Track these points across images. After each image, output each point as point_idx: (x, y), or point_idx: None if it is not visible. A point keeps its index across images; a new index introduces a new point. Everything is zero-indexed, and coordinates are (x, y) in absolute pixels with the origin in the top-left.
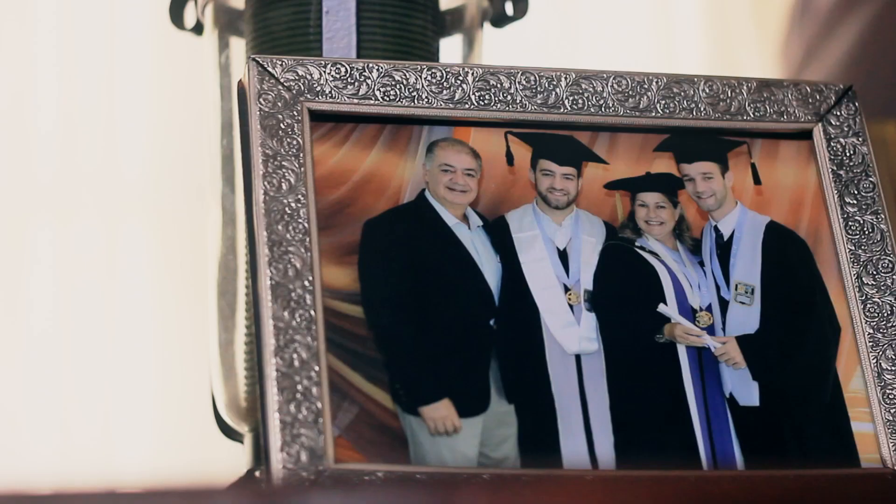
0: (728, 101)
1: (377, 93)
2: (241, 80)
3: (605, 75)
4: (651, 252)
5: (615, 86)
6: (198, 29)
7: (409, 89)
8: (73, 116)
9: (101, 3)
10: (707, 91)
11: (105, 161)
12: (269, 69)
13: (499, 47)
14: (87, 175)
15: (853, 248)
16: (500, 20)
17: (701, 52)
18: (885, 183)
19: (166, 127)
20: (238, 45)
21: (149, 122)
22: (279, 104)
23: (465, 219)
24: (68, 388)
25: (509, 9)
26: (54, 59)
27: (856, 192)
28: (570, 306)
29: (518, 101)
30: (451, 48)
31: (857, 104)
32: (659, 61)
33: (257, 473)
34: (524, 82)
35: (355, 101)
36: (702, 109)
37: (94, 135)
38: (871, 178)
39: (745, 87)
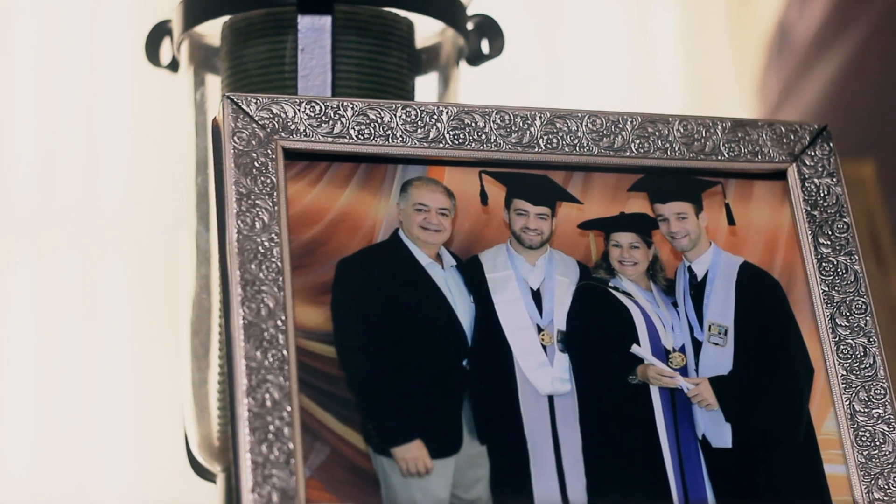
0: (702, 140)
1: (352, 131)
2: (215, 118)
3: (579, 114)
4: (624, 292)
5: (590, 125)
6: (173, 66)
7: (383, 128)
8: (51, 151)
9: (80, 37)
10: (682, 131)
11: (84, 195)
12: (244, 107)
13: (475, 85)
14: (66, 209)
15: (827, 289)
16: (476, 58)
17: (680, 89)
18: (861, 222)
19: (145, 162)
20: (214, 82)
21: (127, 157)
22: (253, 142)
23: (438, 258)
24: (43, 422)
25: (485, 47)
26: (33, 93)
27: (830, 232)
28: (544, 347)
29: (493, 140)
30: (426, 86)
31: (831, 144)
32: (638, 99)
33: None
34: (499, 121)
35: (330, 139)
36: (676, 149)
37: (73, 169)
38: (845, 219)
39: (719, 127)
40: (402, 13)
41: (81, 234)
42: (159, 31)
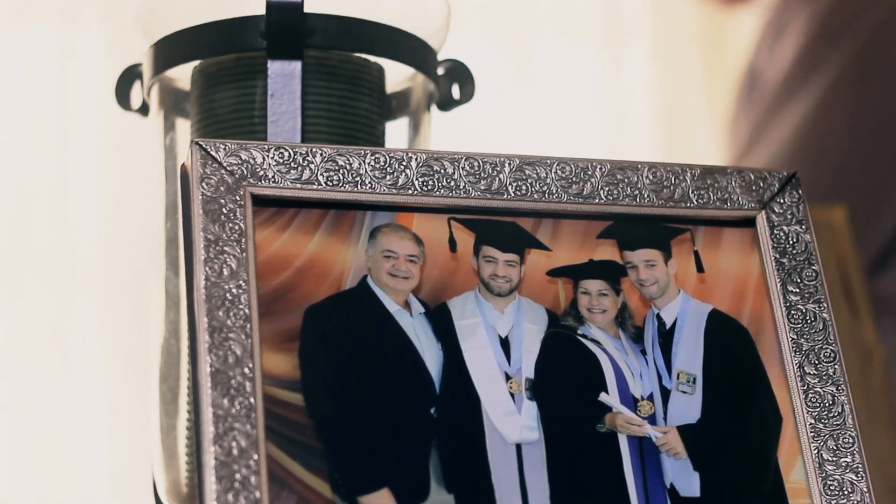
0: (672, 188)
1: (320, 177)
2: (183, 164)
3: (548, 161)
4: (593, 340)
5: (559, 172)
6: (143, 110)
7: (352, 174)
8: (24, 193)
9: (53, 79)
10: (651, 178)
11: (56, 238)
12: (212, 153)
13: (447, 130)
14: (39, 251)
15: (795, 337)
16: (446, 104)
17: (652, 132)
18: (831, 268)
19: (116, 206)
20: (184, 127)
21: (100, 201)
22: (222, 188)
23: (407, 305)
24: (13, 461)
25: (456, 92)
26: (5, 135)
27: (798, 280)
28: (512, 395)
29: (461, 187)
30: (397, 131)
31: (800, 192)
32: (610, 142)
33: None
34: (468, 168)
35: (298, 185)
36: (645, 196)
37: (46, 211)
38: (814, 267)
39: (688, 175)
40: (373, 59)
41: (54, 277)
42: (129, 75)
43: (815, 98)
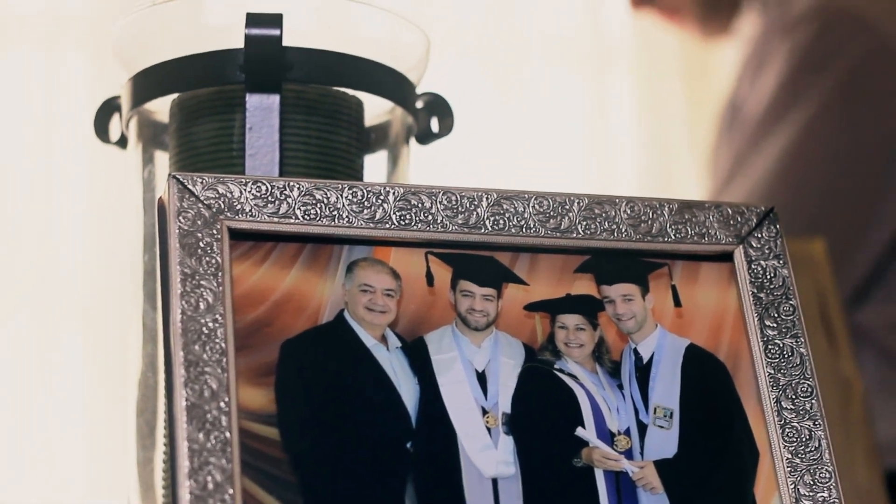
0: (649, 222)
1: (297, 211)
2: (161, 197)
3: (526, 195)
4: (570, 375)
5: (536, 206)
6: (122, 142)
7: (329, 208)
8: (8, 222)
9: (37, 111)
10: (628, 212)
11: (39, 268)
12: (189, 187)
13: (426, 162)
14: (21, 281)
15: (772, 371)
16: (425, 137)
17: (635, 164)
18: (811, 301)
19: (98, 237)
20: (162, 159)
21: (82, 232)
22: (199, 222)
23: (383, 340)
24: None
25: (435, 126)
26: None
27: (776, 315)
28: (488, 429)
29: (439, 221)
30: (375, 164)
31: (778, 226)
32: (594, 173)
33: None
34: (445, 202)
35: (275, 219)
36: (623, 231)
37: (30, 241)
38: (791, 302)
39: (666, 209)
40: (351, 92)
41: (36, 308)
42: (108, 108)
43: (795, 130)
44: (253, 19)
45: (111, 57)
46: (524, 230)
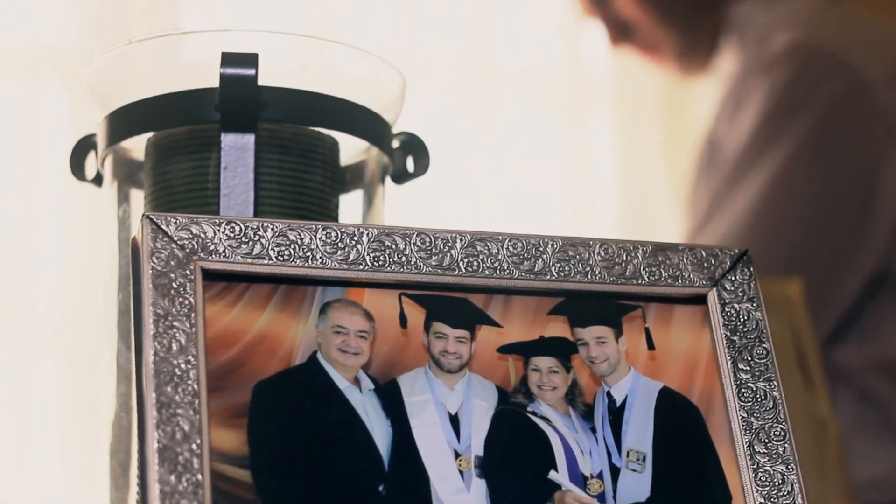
0: (623, 264)
1: (271, 252)
2: (134, 237)
3: (500, 237)
4: (543, 417)
5: (510, 248)
6: (98, 180)
7: (303, 249)
8: None
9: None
10: (602, 254)
11: (15, 304)
12: (163, 227)
13: (402, 201)
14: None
15: (745, 415)
16: (400, 177)
17: (614, 201)
18: (787, 341)
19: (75, 274)
20: (137, 198)
21: (60, 269)
22: (172, 263)
23: (356, 381)
24: None
25: (410, 165)
26: None
27: (749, 358)
28: (461, 472)
29: (413, 263)
30: (351, 204)
31: (751, 269)
32: (571, 211)
33: None
34: (419, 243)
35: (249, 260)
36: (597, 273)
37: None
38: (764, 345)
39: (640, 251)
40: (327, 132)
41: (11, 345)
42: (84, 145)
43: (772, 170)
44: (228, 59)
45: (86, 94)
46: (498, 272)
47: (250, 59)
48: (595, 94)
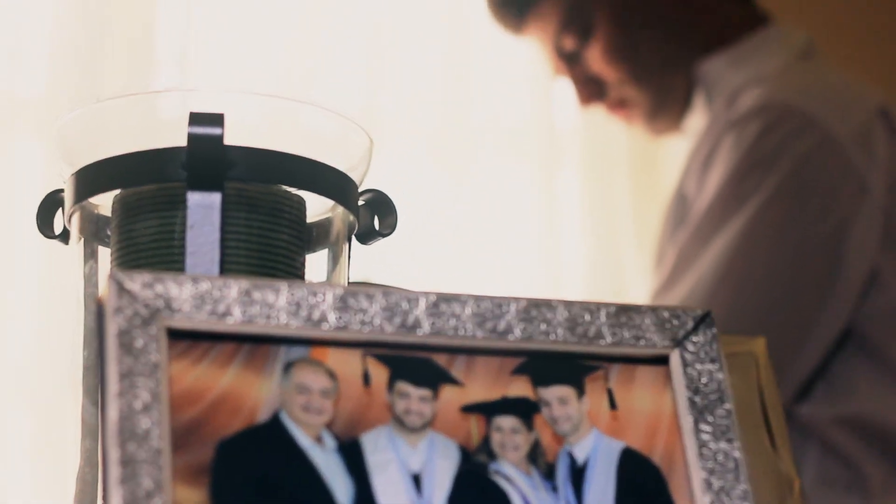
0: (586, 325)
1: (236, 311)
2: (99, 296)
3: (463, 298)
4: (505, 477)
5: (474, 308)
6: (64, 236)
7: (267, 308)
8: None
9: None
10: (565, 315)
11: None
12: (127, 285)
13: (368, 259)
14: None
15: (707, 475)
16: (366, 236)
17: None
18: (753, 399)
19: (47, 328)
20: (104, 254)
21: (31, 323)
22: (136, 321)
23: (319, 440)
24: None
25: (377, 224)
26: None
27: (710, 418)
28: None
29: (376, 323)
30: (317, 261)
31: (714, 330)
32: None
33: None
34: (383, 303)
35: (214, 319)
36: (560, 333)
37: None
38: (726, 405)
39: (603, 312)
40: (293, 190)
41: None
42: (51, 202)
43: (739, 227)
44: (195, 118)
45: (55, 150)
46: (461, 332)
47: (217, 119)
48: (566, 150)
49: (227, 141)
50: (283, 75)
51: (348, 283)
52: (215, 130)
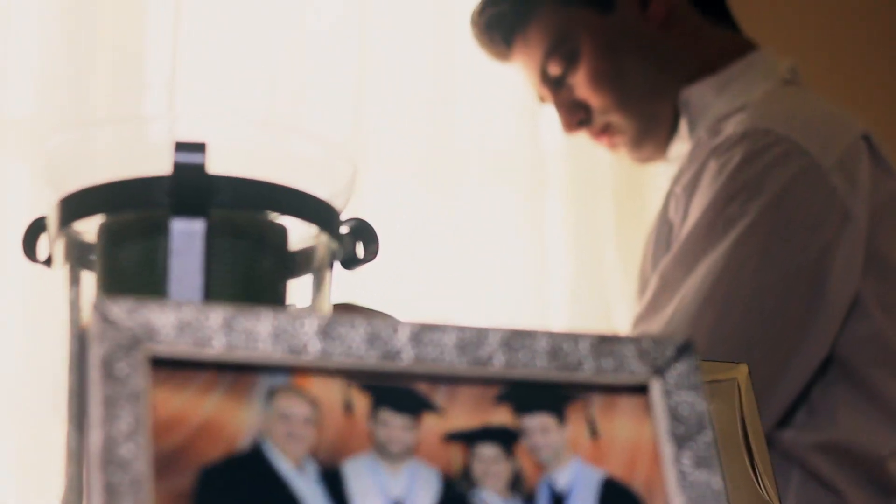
0: (567, 354)
1: (218, 338)
2: (82, 324)
3: (445, 327)
4: None
5: (456, 337)
6: (49, 261)
7: (250, 336)
8: None
9: None
10: (547, 344)
11: None
12: (110, 312)
13: (354, 285)
14: None
15: None
16: (350, 262)
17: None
18: (735, 426)
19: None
20: (88, 280)
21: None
22: (119, 348)
23: (301, 468)
24: None
25: (360, 251)
26: None
27: (691, 448)
28: None
29: (359, 351)
30: (300, 288)
31: (694, 358)
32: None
33: None
34: (366, 332)
35: (196, 346)
36: (541, 362)
37: None
38: (706, 434)
39: (584, 342)
40: (277, 218)
41: None
42: (37, 227)
43: (723, 253)
44: (179, 146)
45: (41, 175)
46: (443, 361)
47: (200, 148)
48: (552, 175)
49: (212, 168)
50: (270, 100)
51: (333, 306)
52: (199, 159)
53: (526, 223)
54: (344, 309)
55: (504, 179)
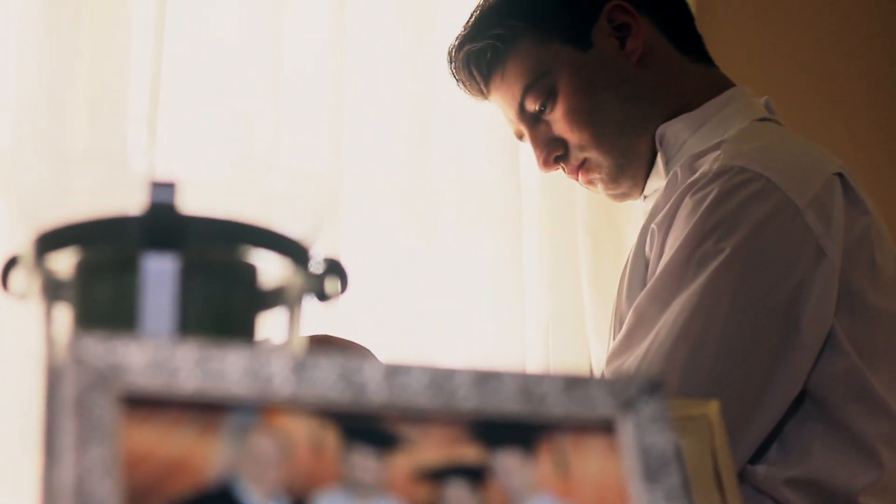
0: (537, 394)
1: (190, 374)
2: (55, 358)
3: (415, 367)
4: None
5: (425, 377)
6: (23, 296)
7: (221, 372)
8: None
9: None
10: (516, 384)
11: None
12: (83, 349)
13: (331, 318)
14: None
15: None
16: (321, 296)
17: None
18: (706, 461)
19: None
20: (62, 316)
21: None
22: (90, 384)
23: None
24: None
25: (330, 286)
26: None
27: (660, 485)
28: None
29: (330, 389)
30: (272, 323)
31: (663, 396)
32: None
33: None
34: (337, 370)
35: (168, 383)
36: (511, 402)
37: None
38: (675, 471)
39: (554, 381)
40: (248, 254)
41: None
42: (11, 261)
43: (697, 290)
44: (153, 185)
45: (16, 210)
46: (414, 399)
47: (171, 187)
48: (530, 209)
49: (188, 202)
50: (248, 135)
51: (310, 338)
52: (170, 198)
53: (503, 257)
54: (320, 341)
55: (481, 214)
